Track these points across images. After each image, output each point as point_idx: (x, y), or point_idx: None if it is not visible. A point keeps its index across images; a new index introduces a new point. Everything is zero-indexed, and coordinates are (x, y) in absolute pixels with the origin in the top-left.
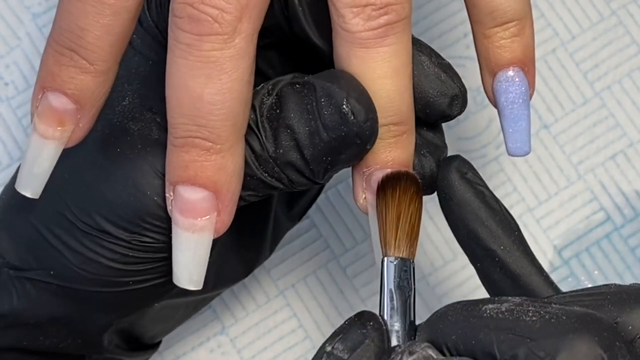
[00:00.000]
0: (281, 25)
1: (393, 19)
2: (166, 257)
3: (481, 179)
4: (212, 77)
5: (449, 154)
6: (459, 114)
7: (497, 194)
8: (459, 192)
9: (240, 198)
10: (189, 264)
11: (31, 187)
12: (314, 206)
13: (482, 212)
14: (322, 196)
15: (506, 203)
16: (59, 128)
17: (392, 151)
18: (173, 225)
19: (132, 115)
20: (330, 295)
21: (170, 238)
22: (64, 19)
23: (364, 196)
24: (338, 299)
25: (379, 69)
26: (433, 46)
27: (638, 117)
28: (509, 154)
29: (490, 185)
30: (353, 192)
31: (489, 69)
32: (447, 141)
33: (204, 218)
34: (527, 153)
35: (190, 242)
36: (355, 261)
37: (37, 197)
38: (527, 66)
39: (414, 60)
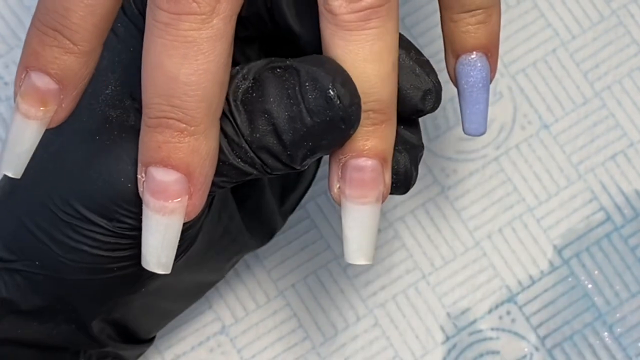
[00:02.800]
0: (261, 14)
1: (376, 3)
2: None
3: None
4: (189, 57)
5: (450, 153)
6: (433, 109)
7: (497, 194)
8: None
9: (214, 184)
10: (158, 247)
11: (13, 167)
12: (314, 206)
13: None
14: (322, 196)
15: (506, 203)
16: (41, 108)
17: (370, 140)
18: (144, 207)
19: (112, 103)
20: (331, 295)
21: None
22: None
23: (338, 185)
24: (338, 299)
25: (361, 53)
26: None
27: (638, 117)
28: (465, 134)
29: (490, 185)
30: (328, 181)
31: (452, 51)
32: (447, 141)
33: (175, 200)
34: (483, 134)
35: (160, 225)
36: None
37: (18, 177)
38: (490, 52)
39: None
